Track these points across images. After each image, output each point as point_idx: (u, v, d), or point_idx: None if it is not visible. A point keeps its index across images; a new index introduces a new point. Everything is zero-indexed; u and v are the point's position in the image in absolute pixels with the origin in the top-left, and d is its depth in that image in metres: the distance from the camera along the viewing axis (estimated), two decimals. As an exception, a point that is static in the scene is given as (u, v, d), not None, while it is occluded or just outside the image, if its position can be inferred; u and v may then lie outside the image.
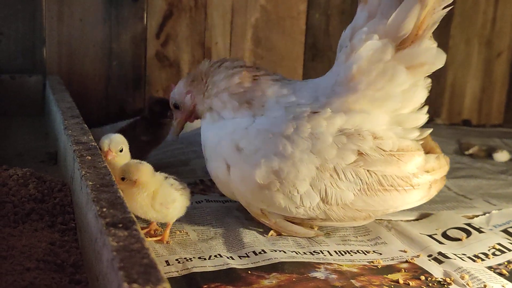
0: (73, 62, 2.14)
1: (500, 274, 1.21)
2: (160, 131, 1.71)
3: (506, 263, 1.26)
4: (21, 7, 2.11)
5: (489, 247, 1.33)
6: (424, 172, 1.32)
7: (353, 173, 1.27)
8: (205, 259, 1.20)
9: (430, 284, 1.15)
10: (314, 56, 2.44)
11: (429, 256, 1.27)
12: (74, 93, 1.90)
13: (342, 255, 1.27)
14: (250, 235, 1.33)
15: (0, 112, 2.11)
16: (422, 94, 1.32)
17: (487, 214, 1.53)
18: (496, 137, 2.48)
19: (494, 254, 1.30)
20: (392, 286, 1.14)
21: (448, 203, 1.64)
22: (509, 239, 1.38)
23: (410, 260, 1.25)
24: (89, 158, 1.14)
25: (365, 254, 1.28)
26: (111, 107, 2.22)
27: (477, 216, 1.53)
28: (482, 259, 1.28)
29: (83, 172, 1.05)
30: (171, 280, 1.11)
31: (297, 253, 1.26)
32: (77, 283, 0.95)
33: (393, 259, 1.26)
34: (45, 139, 1.87)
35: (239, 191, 1.34)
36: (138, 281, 0.68)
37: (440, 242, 1.36)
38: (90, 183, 0.99)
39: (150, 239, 1.27)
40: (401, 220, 1.47)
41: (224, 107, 1.38)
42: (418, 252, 1.30)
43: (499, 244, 1.34)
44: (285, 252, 1.25)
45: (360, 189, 1.28)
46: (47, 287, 0.92)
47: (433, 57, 1.29)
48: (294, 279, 1.14)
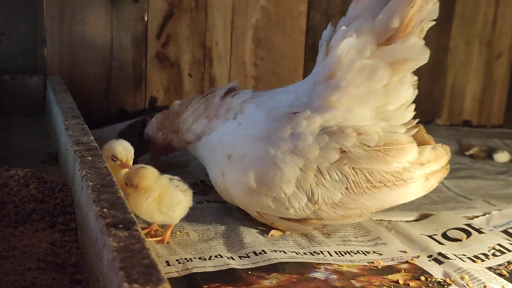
0: (74, 63, 2.14)
1: (500, 275, 1.21)
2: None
3: (506, 264, 1.27)
4: (22, 8, 2.11)
5: (489, 248, 1.33)
6: (419, 165, 1.30)
7: (338, 172, 1.26)
8: (206, 260, 1.20)
9: (430, 285, 1.15)
10: (315, 57, 2.40)
11: (429, 257, 1.28)
12: (75, 94, 1.89)
13: (342, 256, 1.27)
14: (251, 236, 1.33)
15: (1, 113, 2.11)
16: (408, 91, 1.31)
17: (487, 215, 1.54)
18: (497, 138, 2.48)
19: (494, 255, 1.30)
20: (392, 287, 1.14)
21: (448, 204, 1.64)
22: (509, 240, 1.38)
23: (410, 261, 1.25)
24: (90, 159, 1.14)
25: (365, 255, 1.28)
26: (112, 108, 2.22)
27: (477, 217, 1.53)
28: (482, 260, 1.28)
29: (84, 173, 1.05)
30: (172, 281, 1.11)
31: (297, 254, 1.26)
32: (78, 283, 0.95)
33: (393, 260, 1.26)
34: (46, 140, 1.87)
35: (234, 196, 1.36)
36: (139, 281, 0.68)
37: (440, 243, 1.36)
38: (91, 184, 0.99)
39: (151, 240, 1.27)
40: (401, 221, 1.47)
41: (196, 131, 1.44)
42: (418, 253, 1.30)
43: (499, 245, 1.35)
44: (285, 253, 1.25)
45: (347, 188, 1.27)
46: (48, 287, 0.92)
47: (417, 53, 1.28)
48: (294, 280, 1.14)
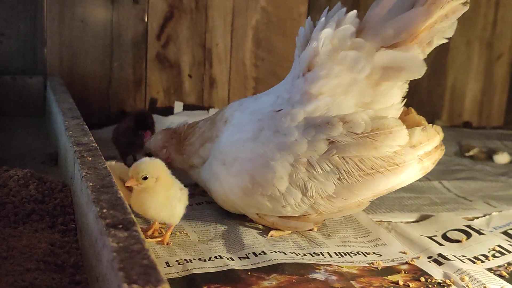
0: (74, 63, 2.15)
1: (500, 276, 1.21)
2: (138, 139, 1.69)
3: (506, 265, 1.27)
4: (23, 8, 2.11)
5: (489, 249, 1.33)
6: (410, 148, 1.28)
7: (329, 163, 1.26)
8: (205, 261, 1.20)
9: (430, 286, 1.15)
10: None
11: (429, 258, 1.28)
12: (75, 94, 1.90)
13: (342, 257, 1.27)
14: (250, 236, 1.33)
15: (1, 113, 2.11)
16: (396, 96, 1.32)
17: (487, 216, 1.54)
18: (497, 139, 2.48)
19: (494, 256, 1.30)
20: (392, 288, 1.15)
21: (448, 205, 1.64)
22: (509, 241, 1.38)
23: (410, 262, 1.25)
24: (90, 159, 1.14)
25: (365, 256, 1.28)
26: (112, 108, 2.22)
27: (477, 218, 1.53)
28: (482, 261, 1.28)
29: (84, 173, 1.05)
30: (171, 281, 1.11)
31: (297, 255, 1.26)
32: (77, 284, 0.95)
33: (393, 261, 1.26)
34: (46, 140, 1.87)
35: (232, 201, 1.36)
36: (138, 282, 0.68)
37: (440, 244, 1.36)
38: (91, 184, 0.99)
39: (151, 240, 1.27)
40: (401, 222, 1.47)
41: (203, 155, 1.42)
42: (418, 254, 1.30)
43: (499, 246, 1.34)
44: (285, 253, 1.25)
45: (340, 178, 1.26)
46: (47, 288, 0.92)
47: (414, 66, 1.28)
48: (294, 281, 1.14)
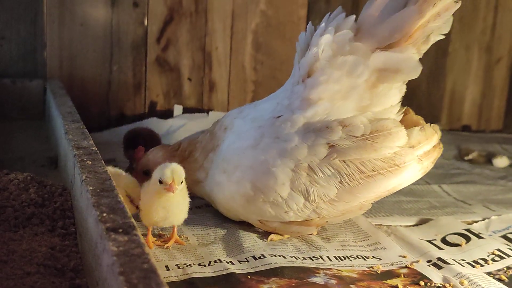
0: (74, 67, 2.15)
1: (499, 280, 1.21)
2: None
3: (506, 269, 1.27)
4: (23, 11, 2.12)
5: (489, 253, 1.33)
6: (409, 148, 1.28)
7: (330, 167, 1.26)
8: (205, 265, 1.20)
9: (429, 290, 1.16)
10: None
11: (429, 262, 1.28)
12: (75, 97, 1.90)
13: (342, 260, 1.27)
14: (250, 240, 1.33)
15: (1, 116, 2.11)
16: (394, 98, 1.32)
17: (487, 220, 1.54)
18: (496, 143, 2.49)
19: (494, 260, 1.30)
20: (391, 292, 1.15)
21: (448, 209, 1.64)
22: (509, 245, 1.38)
23: (410, 266, 1.25)
24: (90, 163, 1.14)
25: (365, 260, 1.28)
26: (112, 112, 2.22)
27: (477, 222, 1.53)
28: (481, 265, 1.28)
29: (84, 177, 1.05)
30: (171, 285, 1.11)
31: (297, 258, 1.26)
32: (77, 288, 0.95)
33: (393, 265, 1.26)
34: (46, 144, 1.87)
35: (234, 209, 1.37)
36: (138, 286, 0.68)
37: (440, 248, 1.36)
38: (91, 188, 0.99)
39: (167, 245, 1.27)
40: (401, 226, 1.47)
41: (207, 167, 1.40)
42: (418, 258, 1.30)
43: (499, 250, 1.34)
44: (285, 257, 1.25)
45: (342, 182, 1.27)
46: (47, 292, 0.92)
47: (409, 67, 1.29)
48: (294, 284, 1.14)
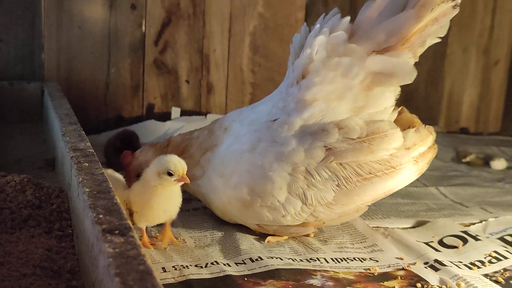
0: (72, 69, 2.15)
1: (496, 282, 1.21)
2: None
3: (502, 271, 1.27)
4: (21, 14, 2.12)
5: (486, 255, 1.33)
6: (405, 150, 1.29)
7: (327, 170, 1.26)
8: (202, 267, 1.20)
9: (426, 292, 1.16)
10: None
11: (426, 264, 1.28)
12: (72, 100, 1.90)
13: (339, 262, 1.27)
14: (247, 242, 1.33)
15: (-1, 118, 2.11)
16: (389, 100, 1.33)
17: (484, 222, 1.54)
18: (493, 145, 2.49)
19: (490, 262, 1.30)
20: (388, 294, 1.15)
21: (445, 211, 1.64)
22: (506, 247, 1.38)
23: (407, 268, 1.25)
24: (86, 165, 1.14)
25: (362, 261, 1.28)
26: (109, 114, 2.22)
27: (474, 224, 1.53)
28: (478, 267, 1.28)
29: (80, 179, 1.05)
30: (168, 287, 1.11)
31: (294, 260, 1.26)
32: (74, 290, 0.95)
33: (390, 267, 1.26)
34: (43, 146, 1.87)
35: (231, 213, 1.37)
36: (134, 288, 0.68)
37: (437, 250, 1.36)
38: (87, 190, 0.99)
39: (166, 245, 1.28)
40: (398, 228, 1.47)
41: (204, 165, 1.39)
42: (415, 260, 1.30)
43: (496, 252, 1.35)
44: (282, 259, 1.25)
45: (339, 184, 1.27)
46: (44, 293, 0.92)
47: (404, 72, 1.29)
48: (291, 286, 1.14)
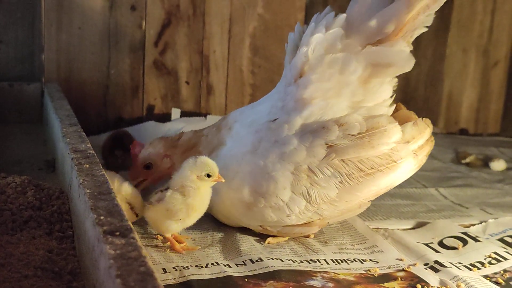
0: (72, 70, 2.15)
1: (496, 283, 1.21)
2: (114, 160, 1.76)
3: (502, 272, 1.27)
4: (21, 15, 2.12)
5: (485, 256, 1.34)
6: (404, 143, 1.30)
7: (329, 167, 1.27)
8: (202, 267, 1.20)
9: (426, 293, 1.16)
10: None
11: (426, 265, 1.28)
12: (72, 101, 1.90)
13: (339, 264, 1.27)
14: (247, 243, 1.33)
15: (-1, 120, 2.11)
16: (387, 92, 1.34)
17: (484, 223, 1.54)
18: (493, 146, 2.49)
19: (490, 263, 1.31)
20: (389, 295, 1.15)
21: (445, 212, 1.64)
22: (505, 248, 1.39)
23: (407, 269, 1.25)
24: (87, 166, 1.14)
25: (362, 263, 1.29)
26: (109, 115, 2.22)
27: (474, 225, 1.53)
28: (478, 268, 1.28)
29: (81, 180, 1.05)
30: (168, 288, 1.11)
31: (294, 262, 1.26)
32: (74, 291, 0.95)
33: (390, 268, 1.27)
34: (44, 147, 1.87)
35: (234, 216, 1.36)
36: (135, 289, 0.68)
37: (437, 251, 1.36)
38: (88, 191, 0.99)
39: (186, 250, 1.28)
40: (398, 229, 1.48)
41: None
42: (415, 261, 1.30)
43: (495, 253, 1.35)
44: (282, 260, 1.25)
45: (342, 181, 1.27)
46: (45, 295, 0.92)
47: (402, 60, 1.30)
48: (291, 287, 1.15)
